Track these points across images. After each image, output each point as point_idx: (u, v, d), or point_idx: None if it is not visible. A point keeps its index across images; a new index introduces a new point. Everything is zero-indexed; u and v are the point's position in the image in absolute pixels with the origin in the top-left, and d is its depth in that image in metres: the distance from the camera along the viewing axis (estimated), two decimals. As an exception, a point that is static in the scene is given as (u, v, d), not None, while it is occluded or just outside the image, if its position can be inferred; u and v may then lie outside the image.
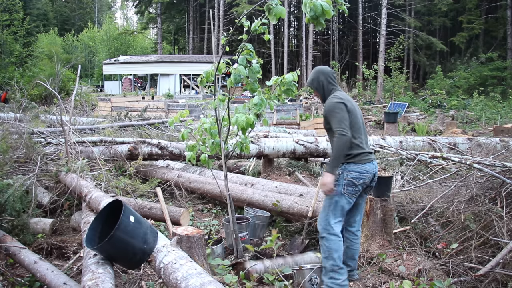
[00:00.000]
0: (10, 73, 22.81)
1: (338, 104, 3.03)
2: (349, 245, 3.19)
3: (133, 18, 61.81)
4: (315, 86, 3.24)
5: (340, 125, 2.94)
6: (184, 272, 2.19)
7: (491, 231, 3.24)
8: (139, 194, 5.31)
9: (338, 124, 2.94)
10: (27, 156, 5.74)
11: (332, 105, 3.04)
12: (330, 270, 2.94)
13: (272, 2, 3.04)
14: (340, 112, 3.01)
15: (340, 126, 2.93)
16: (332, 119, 3.00)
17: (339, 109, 3.02)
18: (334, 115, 3.00)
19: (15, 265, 3.73)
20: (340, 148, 2.90)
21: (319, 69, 3.30)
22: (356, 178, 3.00)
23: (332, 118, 3.01)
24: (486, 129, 12.37)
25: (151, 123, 10.57)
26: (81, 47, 45.66)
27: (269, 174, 6.56)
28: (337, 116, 2.98)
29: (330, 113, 3.04)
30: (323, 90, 3.21)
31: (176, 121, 3.82)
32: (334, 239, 2.96)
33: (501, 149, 6.07)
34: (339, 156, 2.92)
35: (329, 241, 2.96)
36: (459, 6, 28.27)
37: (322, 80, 3.20)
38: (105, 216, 2.73)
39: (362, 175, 3.01)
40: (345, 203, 3.02)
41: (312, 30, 30.29)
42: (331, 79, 3.22)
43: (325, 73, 3.23)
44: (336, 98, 3.09)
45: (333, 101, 3.07)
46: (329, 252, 2.95)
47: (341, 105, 3.02)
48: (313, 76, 3.26)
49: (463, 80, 24.00)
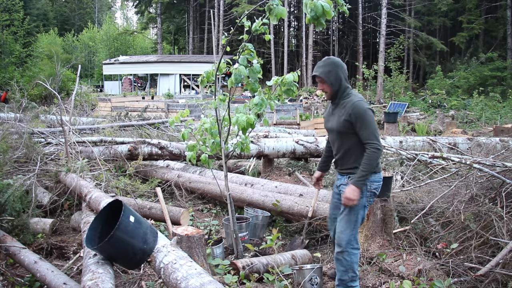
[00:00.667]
0: (10, 73, 22.82)
1: (370, 111, 2.78)
2: None
3: (133, 18, 61.90)
4: (331, 80, 2.86)
5: (376, 137, 2.73)
6: (184, 272, 2.19)
7: (491, 231, 3.24)
8: (139, 194, 5.32)
9: (374, 135, 2.72)
10: (27, 156, 5.74)
11: (365, 110, 2.75)
12: (349, 281, 2.85)
13: (273, 3, 3.04)
14: (373, 121, 2.77)
15: (377, 139, 2.72)
16: (366, 127, 2.73)
17: (371, 117, 2.77)
18: (368, 123, 2.74)
19: (15, 265, 3.73)
20: (374, 162, 2.74)
21: (337, 63, 2.91)
22: (377, 188, 2.88)
23: (366, 126, 2.74)
24: (486, 129, 12.37)
25: (151, 123, 10.57)
26: (81, 47, 45.67)
27: (269, 174, 6.56)
28: (372, 125, 2.74)
29: (362, 119, 2.74)
30: (339, 87, 2.89)
31: (176, 121, 3.82)
32: (356, 253, 2.87)
33: (501, 149, 6.07)
34: (371, 171, 2.75)
35: (351, 255, 2.83)
36: (459, 6, 28.29)
37: (340, 76, 2.87)
38: (105, 216, 2.73)
39: (379, 184, 2.89)
40: (364, 214, 2.92)
41: (312, 30, 30.31)
42: (347, 77, 2.94)
43: (344, 69, 2.91)
44: (364, 102, 2.82)
45: (364, 106, 2.77)
46: (349, 265, 2.83)
47: (371, 113, 2.79)
48: (331, 68, 2.87)
49: (463, 80, 24.01)
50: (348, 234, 2.83)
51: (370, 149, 2.72)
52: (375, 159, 2.72)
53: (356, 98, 2.81)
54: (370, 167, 2.72)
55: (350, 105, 2.78)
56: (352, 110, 2.76)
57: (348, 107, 2.79)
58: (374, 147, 2.70)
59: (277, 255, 3.53)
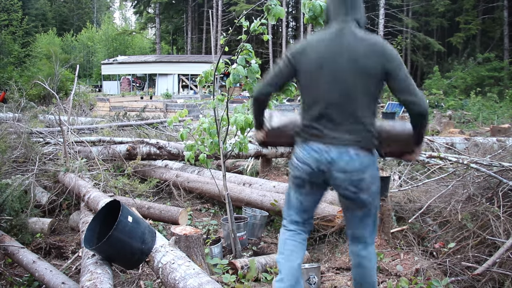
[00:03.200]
0: (8, 73, 22.76)
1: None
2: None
3: (131, 18, 61.81)
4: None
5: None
6: (182, 272, 2.20)
7: (488, 230, 3.25)
8: (138, 194, 5.32)
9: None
10: (25, 156, 5.74)
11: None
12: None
13: (271, 3, 3.06)
14: None
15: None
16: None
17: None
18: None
19: (14, 265, 3.73)
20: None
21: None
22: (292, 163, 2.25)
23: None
24: (483, 129, 12.41)
25: (149, 123, 10.57)
26: (79, 47, 45.57)
27: (267, 173, 6.57)
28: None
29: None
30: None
31: (175, 121, 3.83)
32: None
33: (498, 149, 6.09)
34: None
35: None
36: (456, 6, 28.34)
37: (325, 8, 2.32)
38: (103, 216, 2.74)
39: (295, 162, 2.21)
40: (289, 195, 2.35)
41: (310, 30, 30.32)
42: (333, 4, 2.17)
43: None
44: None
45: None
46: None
47: None
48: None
49: (460, 80, 24.06)
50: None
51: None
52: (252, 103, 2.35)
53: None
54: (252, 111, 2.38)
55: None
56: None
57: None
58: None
59: (276, 255, 3.54)
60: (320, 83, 2.04)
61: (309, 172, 2.07)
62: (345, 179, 2.01)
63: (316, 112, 2.05)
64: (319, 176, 2.07)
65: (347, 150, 1.99)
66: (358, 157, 1.99)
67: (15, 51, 25.95)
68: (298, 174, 2.11)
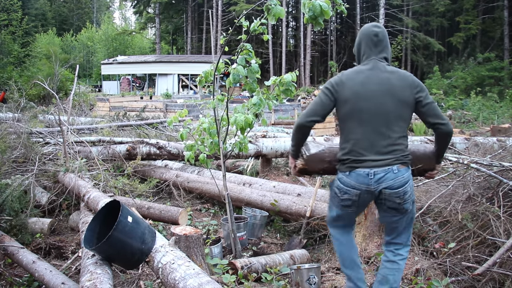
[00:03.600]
0: (8, 73, 22.73)
1: (324, 88, 2.41)
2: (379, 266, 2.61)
3: (131, 18, 61.77)
4: (354, 53, 2.55)
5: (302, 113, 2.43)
6: (182, 272, 2.19)
7: (488, 230, 3.25)
8: (138, 194, 5.32)
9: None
10: (25, 156, 5.74)
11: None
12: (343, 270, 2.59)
13: (271, 2, 3.06)
14: (316, 98, 2.44)
15: (301, 114, 2.43)
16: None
17: (318, 94, 2.43)
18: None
19: (14, 265, 3.73)
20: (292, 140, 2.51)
21: (361, 29, 2.54)
22: (340, 189, 2.44)
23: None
24: (483, 129, 12.41)
25: (149, 123, 10.56)
26: (79, 47, 45.56)
27: (267, 174, 6.57)
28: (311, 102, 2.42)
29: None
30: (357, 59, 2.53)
31: (174, 121, 3.83)
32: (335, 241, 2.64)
33: (498, 148, 6.08)
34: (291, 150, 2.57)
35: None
36: (456, 6, 28.34)
37: (356, 45, 2.52)
38: (103, 216, 2.73)
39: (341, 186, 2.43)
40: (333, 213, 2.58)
41: (310, 30, 30.32)
42: (366, 44, 2.44)
43: (363, 38, 2.48)
44: (333, 78, 2.43)
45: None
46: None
47: (323, 90, 2.41)
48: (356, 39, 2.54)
49: (460, 80, 24.06)
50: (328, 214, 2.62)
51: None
52: (293, 131, 2.48)
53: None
54: (291, 140, 2.52)
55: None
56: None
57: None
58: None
59: (276, 255, 3.54)
60: (363, 113, 2.30)
61: (358, 194, 2.33)
62: (392, 193, 2.30)
63: (359, 137, 2.30)
64: (368, 196, 2.35)
65: (391, 168, 2.28)
66: (400, 173, 2.29)
67: (14, 51, 25.90)
68: (347, 197, 2.36)
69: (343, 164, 2.36)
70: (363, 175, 2.28)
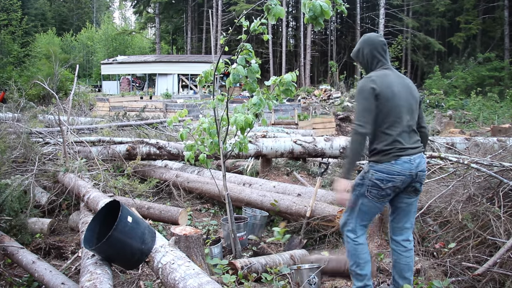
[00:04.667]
0: (8, 73, 22.73)
1: (365, 88, 2.54)
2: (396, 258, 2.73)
3: (131, 18, 61.73)
4: (360, 59, 2.75)
5: (358, 118, 2.51)
6: (182, 272, 2.19)
7: (488, 230, 3.24)
8: (137, 194, 5.31)
9: (356, 116, 2.53)
10: (25, 156, 5.73)
11: (358, 88, 2.59)
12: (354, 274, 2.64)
13: (271, 2, 3.05)
14: (363, 100, 2.54)
15: (358, 120, 2.51)
16: (356, 108, 2.59)
17: (362, 95, 2.55)
18: (357, 103, 2.59)
19: (13, 265, 3.72)
20: (354, 146, 2.51)
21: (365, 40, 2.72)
22: (382, 180, 2.52)
23: (356, 106, 2.60)
24: (483, 129, 12.41)
25: (149, 123, 10.56)
26: (79, 47, 45.56)
27: (267, 174, 6.57)
28: (360, 105, 2.55)
29: (356, 99, 2.62)
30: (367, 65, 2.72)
31: (174, 121, 3.82)
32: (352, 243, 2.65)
33: (499, 149, 6.07)
34: (352, 157, 2.53)
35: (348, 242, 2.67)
36: (456, 6, 28.35)
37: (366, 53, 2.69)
38: (103, 216, 2.73)
39: (384, 176, 2.52)
40: (366, 203, 2.65)
41: (311, 30, 30.32)
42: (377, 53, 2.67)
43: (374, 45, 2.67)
44: (367, 79, 2.59)
45: (361, 83, 2.60)
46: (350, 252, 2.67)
47: (366, 90, 2.53)
48: (359, 46, 2.73)
49: (460, 80, 24.07)
50: (344, 216, 2.70)
51: (352, 131, 2.53)
52: (353, 142, 2.49)
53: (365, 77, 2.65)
54: (349, 152, 2.52)
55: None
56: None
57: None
58: (353, 130, 2.50)
59: (276, 255, 3.54)
60: (399, 109, 2.58)
61: (402, 180, 2.55)
62: (422, 175, 2.64)
63: (399, 130, 2.57)
64: (407, 180, 2.58)
65: (421, 155, 2.64)
66: (425, 159, 2.67)
67: (14, 51, 25.88)
68: (391, 185, 2.55)
69: (387, 154, 2.55)
70: (408, 162, 2.55)
